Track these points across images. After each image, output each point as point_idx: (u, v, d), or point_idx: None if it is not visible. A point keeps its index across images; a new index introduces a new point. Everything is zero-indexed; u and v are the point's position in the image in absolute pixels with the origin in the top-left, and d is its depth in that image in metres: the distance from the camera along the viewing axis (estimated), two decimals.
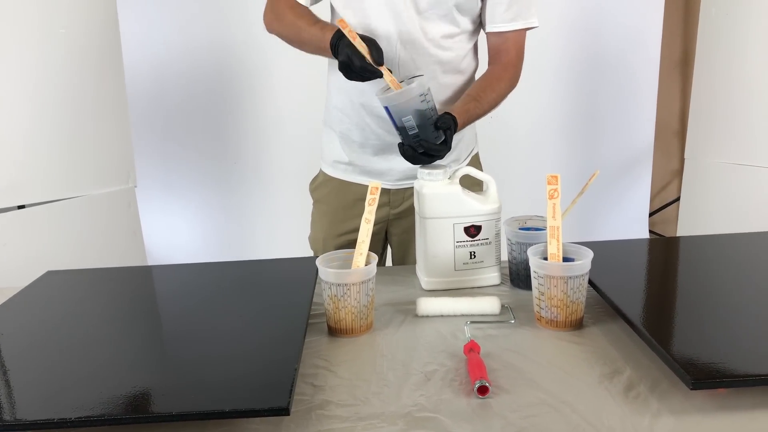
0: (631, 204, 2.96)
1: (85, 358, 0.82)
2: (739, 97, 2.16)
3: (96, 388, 0.73)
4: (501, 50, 1.28)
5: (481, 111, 1.24)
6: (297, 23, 1.19)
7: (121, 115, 2.04)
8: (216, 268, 1.18)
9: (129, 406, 0.69)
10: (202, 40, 2.47)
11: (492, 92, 1.25)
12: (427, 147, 1.10)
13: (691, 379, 0.69)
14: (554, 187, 0.96)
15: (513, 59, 1.28)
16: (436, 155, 1.12)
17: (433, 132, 1.10)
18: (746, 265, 1.09)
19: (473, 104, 1.22)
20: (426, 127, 1.09)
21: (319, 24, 1.17)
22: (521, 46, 1.29)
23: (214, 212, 2.68)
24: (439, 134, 1.11)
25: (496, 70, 1.28)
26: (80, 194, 1.90)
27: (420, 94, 1.07)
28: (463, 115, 1.18)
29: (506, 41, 1.27)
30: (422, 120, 1.09)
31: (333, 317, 0.94)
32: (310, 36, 1.16)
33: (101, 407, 0.68)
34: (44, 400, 0.71)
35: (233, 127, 2.60)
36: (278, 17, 1.24)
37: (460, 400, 0.75)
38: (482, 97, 1.23)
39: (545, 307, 0.93)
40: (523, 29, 1.27)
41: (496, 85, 1.26)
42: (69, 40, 1.82)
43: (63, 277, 1.15)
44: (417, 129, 1.09)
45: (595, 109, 2.81)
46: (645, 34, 2.74)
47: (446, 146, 1.11)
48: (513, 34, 1.26)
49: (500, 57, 1.28)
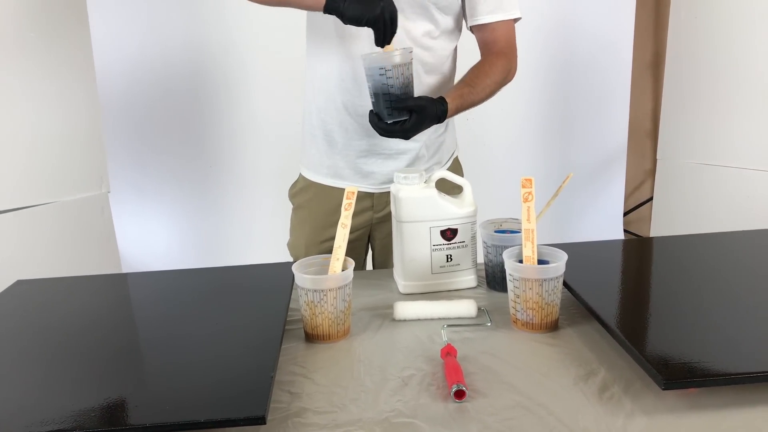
0: (606, 204, 3.00)
1: (56, 370, 0.80)
2: (709, 99, 2.21)
3: (68, 400, 0.71)
4: (489, 42, 1.28)
5: (475, 98, 1.23)
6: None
7: (93, 118, 2.00)
8: (191, 275, 1.16)
9: (101, 418, 0.67)
10: (177, 41, 2.44)
11: (486, 78, 1.24)
12: (375, 122, 1.12)
13: (663, 379, 0.70)
14: (528, 191, 0.97)
15: (503, 48, 1.28)
16: (386, 133, 1.13)
17: (387, 109, 1.10)
18: (718, 264, 1.11)
19: (467, 90, 1.21)
20: (379, 101, 1.10)
21: None
22: (511, 38, 1.29)
23: (191, 217, 2.65)
24: (395, 114, 1.11)
25: (488, 58, 1.28)
26: (51, 201, 1.86)
27: (380, 67, 1.06)
28: (456, 100, 1.18)
29: (493, 32, 1.27)
30: (377, 93, 1.09)
31: (310, 323, 0.93)
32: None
33: (73, 420, 0.67)
34: (12, 415, 0.69)
35: (209, 130, 2.57)
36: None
37: (437, 405, 0.75)
38: (476, 83, 1.23)
39: (521, 310, 0.94)
40: (509, 20, 1.27)
41: (490, 71, 1.25)
42: (38, 43, 1.78)
43: (33, 286, 1.13)
44: (373, 98, 1.10)
45: (569, 111, 2.84)
46: (617, 37, 2.78)
47: (401, 128, 1.12)
48: (499, 26, 1.26)
49: (490, 48, 1.28)
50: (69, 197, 1.92)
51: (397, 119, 1.11)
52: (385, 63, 1.06)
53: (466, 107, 1.23)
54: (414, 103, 1.11)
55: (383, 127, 1.13)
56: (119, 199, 2.35)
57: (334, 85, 1.25)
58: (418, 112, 1.11)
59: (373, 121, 1.14)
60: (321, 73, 1.28)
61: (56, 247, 1.88)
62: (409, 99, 1.11)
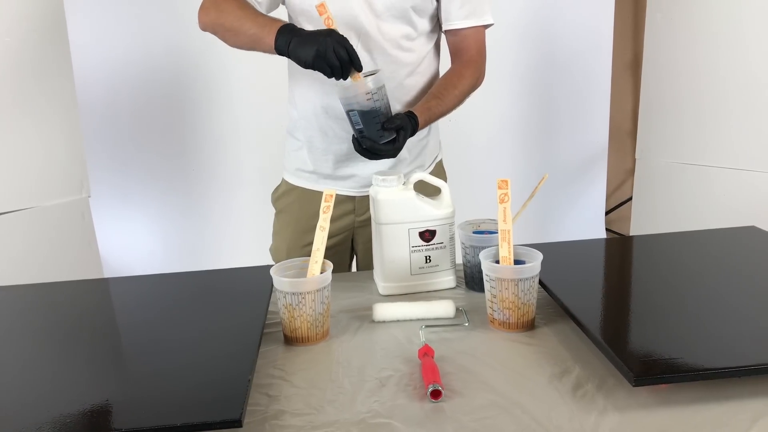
0: (588, 203, 3.03)
1: (31, 377, 0.80)
2: (685, 99, 2.25)
3: (43, 406, 0.71)
4: (461, 48, 1.29)
5: (444, 108, 1.24)
6: (239, 12, 1.15)
7: (72, 123, 1.99)
8: (171, 279, 1.16)
9: (78, 424, 0.67)
10: (159, 45, 2.43)
11: (454, 89, 1.25)
12: (369, 145, 1.11)
13: (634, 375, 0.71)
14: (504, 192, 0.98)
15: (474, 56, 1.29)
16: (379, 154, 1.12)
17: (379, 131, 1.10)
18: (695, 262, 1.13)
19: (435, 102, 1.23)
20: (371, 125, 1.10)
21: (265, 16, 1.15)
22: (481, 44, 1.30)
23: (173, 220, 2.64)
24: (386, 134, 1.11)
25: (457, 68, 1.29)
26: (31, 206, 1.85)
27: (367, 92, 1.07)
28: (425, 113, 1.19)
29: (465, 39, 1.28)
30: (367, 117, 1.09)
31: (288, 326, 0.94)
32: (255, 23, 1.11)
33: (48, 427, 0.67)
34: None
35: (191, 134, 2.56)
36: (218, 6, 1.18)
37: (413, 405, 0.76)
38: (444, 95, 1.24)
39: (497, 309, 0.95)
40: (480, 26, 1.28)
41: (457, 82, 1.26)
42: (14, 49, 1.77)
43: (7, 293, 1.12)
44: (361, 125, 1.10)
45: (550, 111, 2.87)
46: (597, 37, 2.81)
47: (393, 147, 1.12)
48: (470, 32, 1.28)
49: (461, 55, 1.30)
50: (49, 202, 1.91)
51: (388, 139, 1.12)
52: (369, 87, 1.07)
53: (435, 119, 1.25)
54: (400, 120, 1.13)
55: (377, 148, 1.12)
56: (101, 204, 2.33)
57: (315, 89, 1.26)
58: (404, 127, 1.13)
59: (360, 149, 1.13)
60: (302, 78, 1.29)
61: (36, 253, 1.86)
62: (396, 117, 1.13)
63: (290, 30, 1.07)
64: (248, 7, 1.17)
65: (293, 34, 1.06)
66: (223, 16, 1.17)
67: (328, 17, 1.06)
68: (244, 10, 1.15)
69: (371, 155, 1.13)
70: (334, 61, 1.03)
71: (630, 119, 3.05)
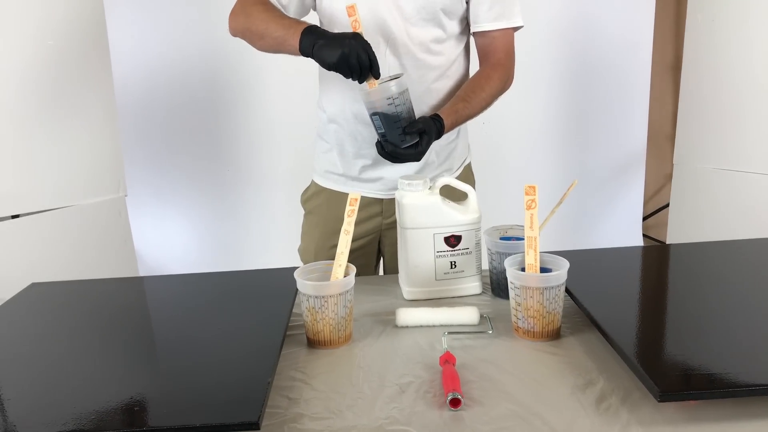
0: (625, 208, 2.97)
1: (59, 374, 0.82)
2: (726, 103, 2.17)
3: (69, 402, 0.73)
4: (489, 51, 1.28)
5: (470, 111, 1.24)
6: (266, 15, 1.16)
7: (111, 124, 2.04)
8: (200, 279, 1.18)
9: (100, 420, 0.69)
10: (194, 48, 2.48)
11: (481, 92, 1.24)
12: (391, 149, 1.11)
13: (659, 391, 0.69)
14: (531, 198, 0.97)
15: (502, 59, 1.28)
16: (402, 159, 1.12)
17: (400, 135, 1.10)
18: (729, 273, 1.09)
19: (462, 104, 1.22)
20: (392, 129, 1.10)
21: (290, 18, 1.16)
22: (510, 47, 1.29)
23: (207, 220, 2.69)
24: (408, 138, 1.11)
25: (485, 71, 1.28)
26: (71, 204, 1.91)
27: (388, 97, 1.07)
28: (451, 116, 1.19)
29: (493, 41, 1.27)
30: (388, 122, 1.09)
31: (311, 329, 0.94)
32: (281, 25, 1.12)
33: (73, 422, 0.68)
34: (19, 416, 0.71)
35: (225, 135, 2.61)
36: (246, 11, 1.20)
37: (432, 413, 0.75)
38: (471, 98, 1.23)
39: (522, 318, 0.93)
40: (509, 29, 1.27)
41: (485, 84, 1.25)
42: (57, 52, 1.82)
43: (47, 288, 1.16)
44: (383, 129, 1.10)
45: (587, 114, 2.82)
46: (636, 38, 2.75)
47: (415, 151, 1.12)
48: (499, 34, 1.27)
49: (488, 57, 1.29)
50: (88, 200, 1.96)
51: (410, 143, 1.12)
52: (391, 92, 1.07)
53: (461, 122, 1.24)
54: (422, 124, 1.12)
55: (399, 153, 1.12)
56: (136, 203, 2.39)
57: (345, 95, 1.26)
58: (427, 131, 1.12)
59: (383, 153, 1.13)
60: (332, 83, 1.29)
61: (74, 250, 1.92)
62: (418, 121, 1.12)
63: (315, 32, 1.08)
64: (274, 11, 1.18)
65: (318, 35, 1.06)
66: (251, 21, 1.18)
67: (356, 20, 1.06)
68: (270, 13, 1.17)
69: (394, 159, 1.13)
70: (356, 64, 1.03)
71: (670, 123, 2.98)
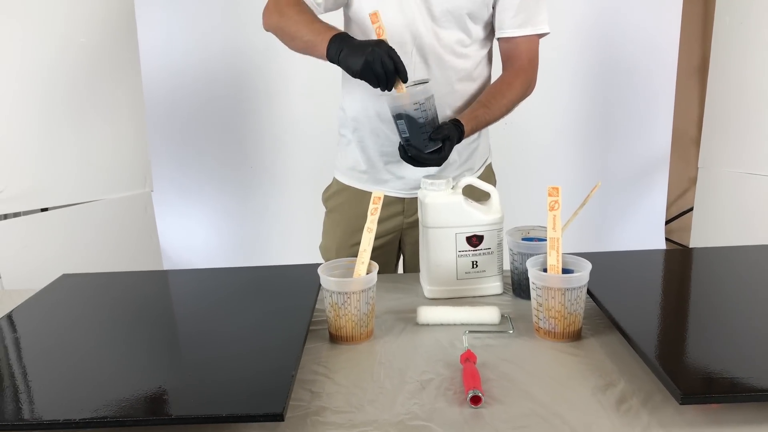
0: (648, 211, 2.94)
1: (89, 362, 0.85)
2: (753, 106, 2.14)
3: (98, 390, 0.76)
4: (512, 56, 1.29)
5: (491, 117, 1.24)
6: (299, 17, 1.17)
7: (138, 120, 2.09)
8: (224, 274, 1.21)
9: (128, 408, 0.71)
10: (220, 46, 2.52)
11: (502, 98, 1.25)
12: (415, 154, 1.12)
13: (681, 393, 0.69)
14: (555, 199, 0.97)
15: (524, 65, 1.28)
16: (424, 163, 1.13)
17: (424, 140, 1.11)
18: (753, 278, 1.08)
19: (482, 110, 1.22)
20: (416, 134, 1.10)
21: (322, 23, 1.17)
22: (533, 53, 1.29)
23: (230, 216, 2.72)
24: (431, 144, 1.11)
25: (507, 77, 1.28)
26: (98, 198, 1.95)
27: (414, 102, 1.07)
28: (471, 122, 1.19)
29: (516, 47, 1.27)
30: (413, 126, 1.09)
31: (334, 324, 0.96)
32: (312, 30, 1.13)
33: (104, 409, 0.71)
34: (49, 402, 0.74)
35: (249, 133, 2.64)
36: (280, 10, 1.21)
37: (452, 410, 0.76)
38: (492, 103, 1.24)
39: (543, 318, 0.94)
40: (534, 35, 1.27)
41: (506, 91, 1.26)
42: (89, 49, 1.87)
43: (77, 280, 1.19)
44: (408, 133, 1.11)
45: (611, 115, 2.79)
46: (662, 40, 2.72)
47: (438, 156, 1.12)
48: (523, 40, 1.26)
49: (511, 63, 1.29)
50: (114, 195, 2.01)
51: (433, 148, 1.13)
52: (416, 98, 1.07)
53: (481, 127, 1.24)
54: (447, 129, 1.13)
55: (423, 157, 1.13)
56: (162, 198, 2.43)
57: (368, 95, 1.27)
58: (450, 138, 1.13)
59: (406, 157, 1.14)
60: (355, 82, 1.31)
61: (103, 242, 1.96)
62: (443, 127, 1.13)
63: (342, 39, 1.09)
64: (307, 13, 1.19)
65: (344, 43, 1.08)
66: (283, 21, 1.20)
67: (380, 26, 1.07)
68: (303, 15, 1.18)
69: (416, 163, 1.14)
70: (381, 71, 1.03)
71: (695, 126, 2.94)
